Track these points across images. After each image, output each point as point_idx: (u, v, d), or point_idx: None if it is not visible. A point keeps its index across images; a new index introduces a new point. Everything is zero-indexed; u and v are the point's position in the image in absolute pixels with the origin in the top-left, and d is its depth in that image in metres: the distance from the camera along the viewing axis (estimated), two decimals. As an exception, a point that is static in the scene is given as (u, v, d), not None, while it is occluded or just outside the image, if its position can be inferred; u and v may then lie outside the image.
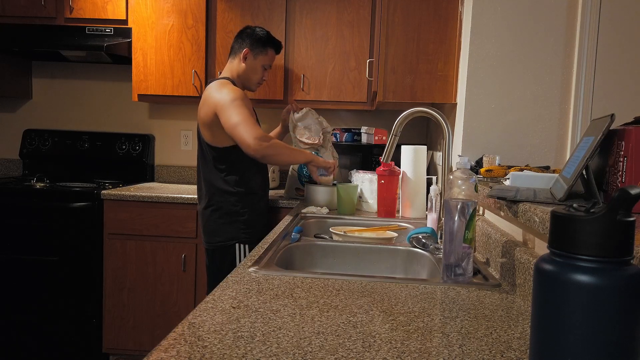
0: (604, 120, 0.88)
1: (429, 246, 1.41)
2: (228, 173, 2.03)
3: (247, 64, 2.10)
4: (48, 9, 2.85)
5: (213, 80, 2.08)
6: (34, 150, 3.14)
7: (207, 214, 2.07)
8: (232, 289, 0.99)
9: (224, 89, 1.97)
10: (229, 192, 2.03)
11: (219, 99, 1.94)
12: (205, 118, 1.99)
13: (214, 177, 2.04)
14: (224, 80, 2.05)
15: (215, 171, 2.04)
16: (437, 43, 2.02)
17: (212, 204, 2.05)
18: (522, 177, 1.17)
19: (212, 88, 2.01)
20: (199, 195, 2.14)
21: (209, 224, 2.07)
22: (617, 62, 1.73)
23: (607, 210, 0.48)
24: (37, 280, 2.62)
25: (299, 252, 1.48)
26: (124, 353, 2.66)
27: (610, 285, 0.47)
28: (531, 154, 1.81)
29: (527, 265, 0.98)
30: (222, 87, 1.99)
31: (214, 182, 2.04)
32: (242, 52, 2.09)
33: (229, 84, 2.02)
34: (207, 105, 1.98)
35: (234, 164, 2.03)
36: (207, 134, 2.02)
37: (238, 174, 2.03)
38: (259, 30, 2.13)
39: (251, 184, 2.07)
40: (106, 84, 3.27)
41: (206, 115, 1.98)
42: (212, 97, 1.97)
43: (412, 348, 0.74)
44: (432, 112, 1.51)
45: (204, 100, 2.01)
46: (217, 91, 1.97)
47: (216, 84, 2.02)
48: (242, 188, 2.04)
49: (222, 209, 2.04)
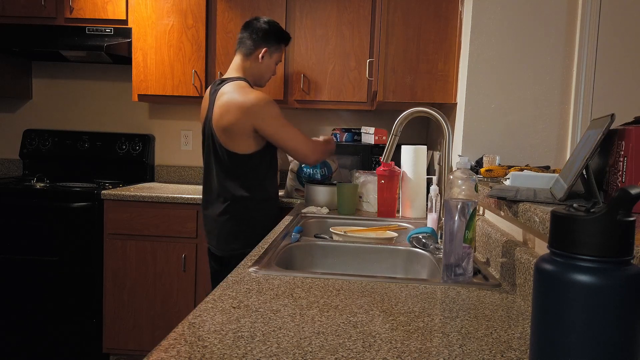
0: (604, 120, 0.88)
1: (429, 246, 1.41)
2: (246, 179, 1.96)
3: (264, 62, 2.02)
4: (48, 9, 2.85)
5: (226, 82, 1.96)
6: (34, 150, 3.14)
7: (222, 220, 1.98)
8: (232, 289, 0.99)
9: (251, 95, 1.88)
10: (247, 199, 1.96)
11: (253, 108, 1.85)
12: (227, 124, 1.89)
13: (231, 183, 1.96)
14: (243, 83, 1.95)
15: (233, 177, 1.96)
16: (437, 43, 2.02)
17: (229, 210, 1.97)
18: (522, 177, 1.17)
19: (236, 93, 1.90)
20: (208, 199, 2.05)
21: (225, 231, 1.99)
22: (617, 62, 1.73)
23: (607, 210, 0.48)
24: (37, 280, 2.62)
25: (299, 252, 1.48)
26: (124, 353, 2.66)
27: (610, 285, 0.47)
28: (531, 154, 1.81)
29: (527, 265, 0.98)
30: (248, 92, 1.90)
31: (231, 188, 1.96)
32: (258, 51, 2.01)
33: (254, 89, 1.94)
34: (231, 113, 1.87)
35: (253, 170, 1.96)
36: (226, 140, 1.92)
37: (256, 180, 1.98)
38: (271, 24, 2.03)
39: (268, 189, 2.02)
40: (106, 84, 3.27)
41: (229, 122, 1.88)
42: (238, 102, 1.87)
43: (412, 348, 0.74)
44: (432, 112, 1.51)
45: (226, 105, 1.89)
46: (244, 97, 1.87)
47: (238, 88, 1.91)
48: (260, 194, 1.99)
49: (240, 216, 1.97)
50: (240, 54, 2.03)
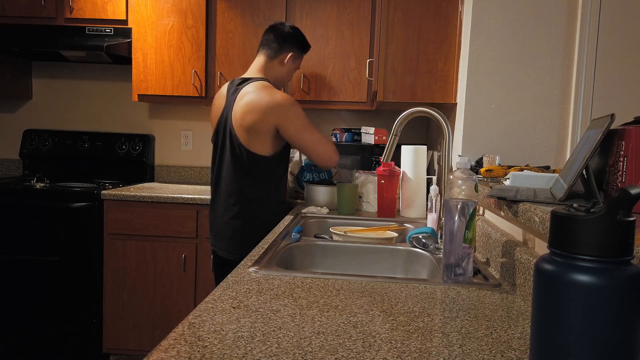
0: (604, 120, 0.88)
1: (429, 246, 1.41)
2: (264, 181, 1.94)
3: (286, 66, 2.04)
4: (48, 9, 2.85)
5: (248, 82, 1.94)
6: (34, 150, 3.14)
7: (237, 224, 1.94)
8: (232, 289, 0.99)
9: (278, 95, 1.88)
10: (264, 201, 1.94)
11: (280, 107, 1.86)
12: (251, 123, 1.86)
13: (247, 185, 1.93)
14: (267, 84, 1.94)
15: (250, 178, 1.92)
16: (437, 43, 2.02)
17: (242, 213, 1.94)
18: (522, 177, 1.17)
19: (262, 92, 1.88)
20: (216, 201, 2.01)
21: (238, 235, 1.95)
22: (617, 62, 1.73)
23: (607, 210, 0.48)
24: (37, 280, 2.62)
25: (299, 252, 1.48)
26: (124, 353, 2.66)
27: (610, 285, 0.47)
28: (531, 154, 1.81)
29: (527, 265, 0.98)
30: (274, 91, 1.89)
31: (246, 190, 1.93)
32: (284, 55, 2.02)
33: (278, 90, 1.93)
34: (256, 111, 1.85)
35: (271, 172, 1.95)
36: (248, 139, 1.89)
37: (272, 182, 1.96)
38: (297, 31, 2.05)
39: (282, 192, 2.02)
40: (106, 84, 3.27)
41: (253, 120, 1.86)
42: (264, 101, 1.86)
43: (412, 348, 0.74)
44: (432, 112, 1.51)
45: (251, 104, 1.87)
46: (271, 96, 1.87)
47: (263, 88, 1.90)
48: (275, 197, 1.98)
49: (253, 219, 1.94)
50: (264, 56, 2.02)
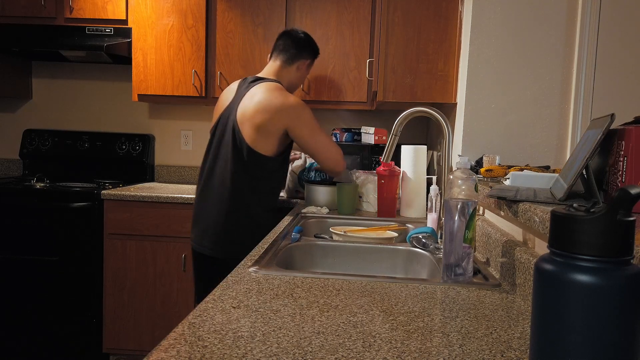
0: (604, 120, 0.88)
1: (429, 246, 1.41)
2: (263, 180, 1.93)
3: (300, 73, 2.06)
4: (48, 9, 2.85)
5: (261, 82, 1.94)
6: (34, 150, 3.14)
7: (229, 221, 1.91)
8: (232, 289, 0.99)
9: (291, 97, 1.88)
10: (257, 202, 1.93)
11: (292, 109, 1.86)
12: (261, 122, 1.85)
13: (245, 183, 1.91)
14: (280, 86, 1.94)
15: (249, 177, 1.91)
16: (437, 43, 2.02)
17: (237, 209, 1.91)
18: (522, 177, 1.17)
19: (275, 92, 1.89)
20: (207, 195, 1.98)
21: (228, 232, 1.92)
22: (617, 62, 1.73)
23: (607, 210, 0.48)
24: (37, 280, 2.62)
25: (299, 252, 1.48)
26: (124, 353, 2.66)
27: (610, 285, 0.47)
28: (531, 154, 1.81)
29: (527, 265, 0.98)
30: (287, 94, 1.90)
31: (244, 188, 1.91)
32: (301, 62, 2.04)
33: (290, 94, 1.93)
34: (268, 111, 1.85)
35: (271, 172, 1.94)
36: (254, 137, 1.88)
37: (272, 183, 1.96)
38: (310, 37, 2.07)
39: (274, 200, 2.01)
40: (106, 84, 3.27)
41: (263, 119, 1.85)
42: (277, 102, 1.86)
43: (412, 348, 0.74)
44: (432, 112, 1.51)
45: (263, 103, 1.86)
46: (284, 98, 1.87)
47: (276, 89, 1.90)
48: (272, 198, 1.98)
49: (248, 219, 1.92)
50: (280, 60, 2.02)
